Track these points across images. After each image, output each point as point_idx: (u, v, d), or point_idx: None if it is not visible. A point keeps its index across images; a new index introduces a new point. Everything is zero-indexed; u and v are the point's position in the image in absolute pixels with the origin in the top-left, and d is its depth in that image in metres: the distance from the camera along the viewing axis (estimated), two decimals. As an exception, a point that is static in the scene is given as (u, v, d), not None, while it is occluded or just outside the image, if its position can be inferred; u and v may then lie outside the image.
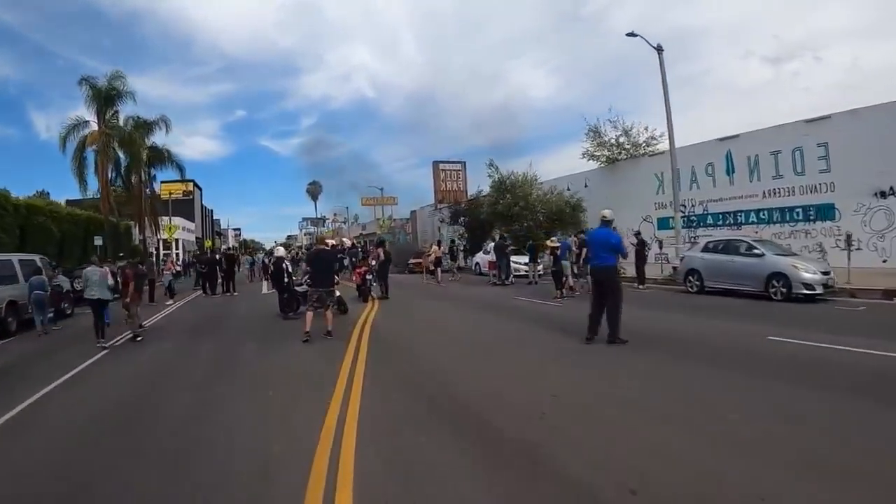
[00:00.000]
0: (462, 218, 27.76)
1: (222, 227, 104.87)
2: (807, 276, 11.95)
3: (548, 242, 13.78)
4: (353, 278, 14.45)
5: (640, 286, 15.87)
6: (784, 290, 11.99)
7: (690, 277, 14.45)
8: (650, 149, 23.70)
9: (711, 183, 21.46)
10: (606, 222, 7.80)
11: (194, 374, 6.64)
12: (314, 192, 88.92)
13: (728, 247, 13.96)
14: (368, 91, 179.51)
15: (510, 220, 23.02)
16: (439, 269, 21.33)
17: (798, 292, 11.69)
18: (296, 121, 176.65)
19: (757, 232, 19.98)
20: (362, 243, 31.87)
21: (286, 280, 11.70)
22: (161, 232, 44.10)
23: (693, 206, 21.87)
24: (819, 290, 11.74)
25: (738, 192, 20.66)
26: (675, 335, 7.76)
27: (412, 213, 49.88)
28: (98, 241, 28.15)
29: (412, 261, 27.13)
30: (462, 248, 25.75)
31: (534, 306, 12.23)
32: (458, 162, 42.59)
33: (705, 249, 14.33)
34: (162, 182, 63.24)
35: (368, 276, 13.78)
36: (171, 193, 47.46)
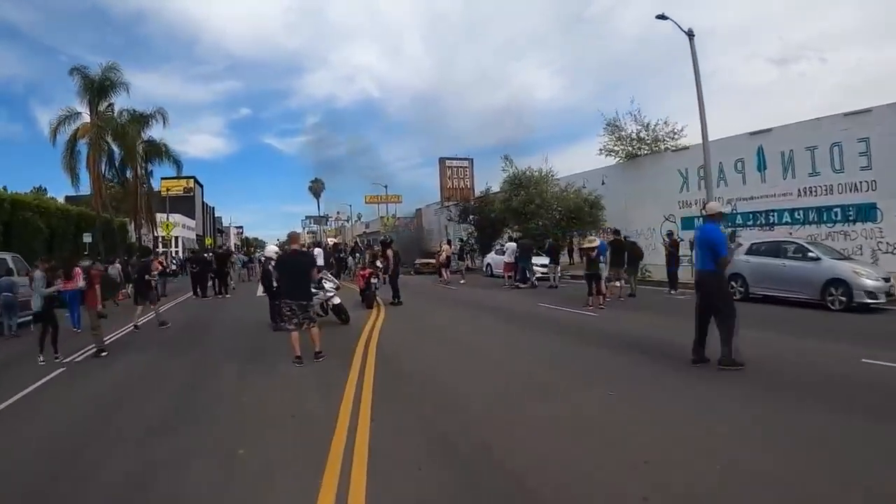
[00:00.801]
0: (471, 216, 26.15)
1: (224, 225, 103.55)
2: (869, 283, 10.58)
3: (585, 242, 12.20)
4: (357, 282, 12.85)
5: (673, 291, 14.32)
6: (843, 298, 10.61)
7: (733, 283, 12.85)
8: (674, 143, 22.04)
9: (741, 180, 19.83)
10: (714, 216, 6.41)
11: (150, 413, 5.04)
12: (317, 189, 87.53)
13: (777, 249, 12.41)
14: (373, 91, 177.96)
15: (525, 218, 21.39)
16: (446, 270, 19.82)
17: (859, 301, 10.31)
18: (300, 119, 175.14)
19: (791, 233, 18.36)
20: (366, 242, 30.18)
21: (276, 284, 10.14)
22: (158, 229, 42.61)
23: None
24: (882, 299, 10.50)
25: (770, 190, 19.05)
26: (755, 356, 6.15)
27: (417, 212, 48.29)
28: (87, 238, 26.59)
29: (419, 261, 25.54)
30: (471, 247, 24.18)
31: (568, 316, 10.60)
32: (465, 159, 41.01)
33: (751, 252, 12.74)
34: (162, 179, 62.09)
35: (374, 280, 12.20)
36: (168, 190, 45.84)
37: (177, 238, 58.35)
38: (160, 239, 44.00)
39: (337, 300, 9.54)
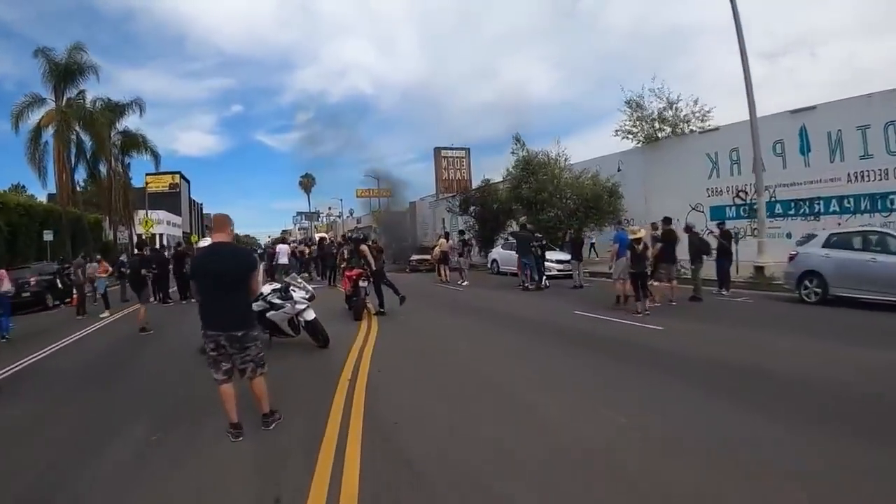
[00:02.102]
0: (472, 207, 23.42)
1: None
2: None
3: (632, 232, 9.59)
4: (343, 285, 10.07)
5: (725, 291, 11.78)
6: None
7: (807, 282, 10.33)
8: (702, 125, 19.44)
9: (781, 164, 17.27)
10: None
11: None
12: (307, 185, 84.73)
13: (865, 241, 9.85)
14: (365, 86, 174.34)
15: (536, 207, 18.71)
16: (446, 267, 17.18)
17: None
18: (292, 116, 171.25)
19: (840, 224, 15.92)
20: (348, 236, 26.70)
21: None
22: (137, 226, 39.53)
23: (756, 191, 17.65)
24: None
25: (814, 175, 16.53)
26: None
27: (411, 205, 45.52)
28: (48, 237, 23.59)
29: (415, 257, 22.84)
30: (467, 241, 21.51)
31: (624, 331, 7.88)
32: (462, 148, 38.42)
33: (829, 245, 10.19)
34: (147, 174, 59.49)
35: (362, 284, 9.44)
36: (147, 184, 42.64)
37: (161, 235, 55.31)
38: (140, 237, 40.89)
39: (311, 314, 6.84)
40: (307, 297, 6.94)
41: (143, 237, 39.85)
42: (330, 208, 75.03)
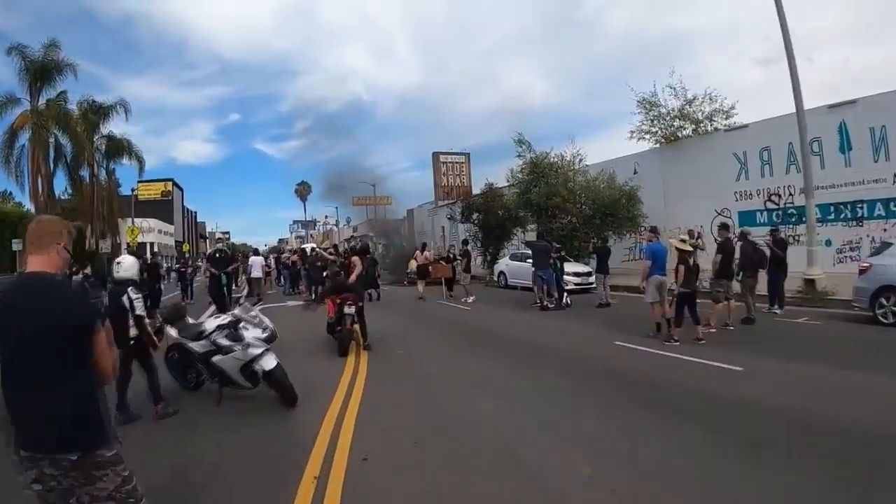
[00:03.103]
0: (475, 214, 21.45)
1: (208, 231, 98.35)
2: None
3: (677, 243, 7.69)
4: (327, 309, 8.01)
5: (778, 309, 9.90)
6: None
7: (883, 299, 8.47)
8: (725, 122, 17.63)
9: (818, 164, 15.41)
10: None
11: None
12: (303, 193, 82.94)
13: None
14: (363, 94, 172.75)
15: (547, 214, 16.79)
16: (422, 282, 15.30)
17: None
18: (290, 124, 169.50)
19: (886, 230, 14.13)
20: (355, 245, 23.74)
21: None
22: (123, 235, 37.47)
23: (791, 194, 15.85)
24: None
25: (856, 176, 14.70)
26: None
27: (408, 213, 43.58)
28: (17, 246, 21.56)
29: (412, 268, 20.84)
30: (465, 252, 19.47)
31: (693, 372, 5.99)
32: (462, 154, 36.47)
33: (917, 254, 8.34)
34: (138, 182, 57.39)
35: (348, 310, 7.34)
36: (137, 192, 40.54)
37: (152, 244, 53.22)
38: (126, 246, 38.81)
39: (270, 361, 4.87)
40: (264, 336, 4.99)
41: (129, 245, 37.91)
42: (326, 217, 73.27)
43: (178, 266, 21.05)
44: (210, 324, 5.33)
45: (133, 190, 39.05)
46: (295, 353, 7.54)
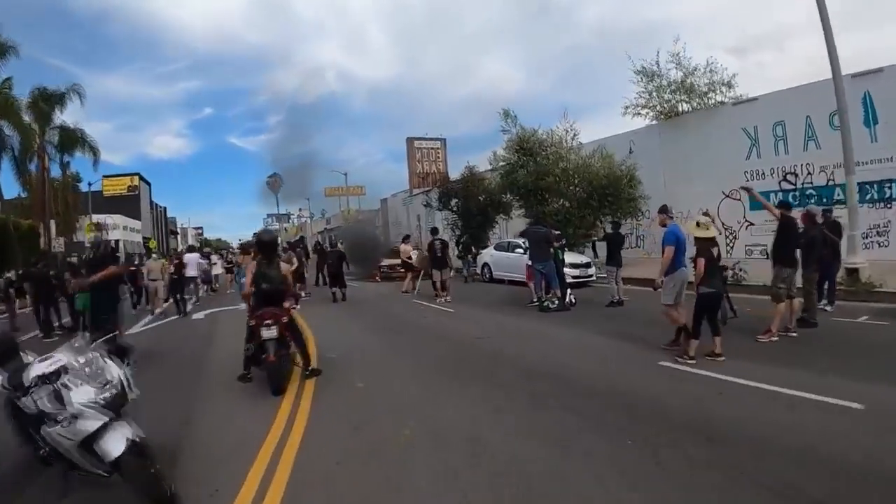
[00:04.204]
0: (454, 200, 19.06)
1: (180, 226, 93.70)
2: None
3: (693, 227, 5.54)
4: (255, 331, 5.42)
5: (830, 307, 7.92)
6: None
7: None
8: (731, 94, 15.63)
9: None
10: None
11: None
12: (275, 185, 79.18)
13: None
14: (337, 86, 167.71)
15: (536, 197, 14.53)
16: (413, 278, 13.17)
17: None
18: (263, 117, 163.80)
19: (917, 212, 12.42)
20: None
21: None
22: (80, 232, 34.04)
23: (810, 173, 13.99)
24: None
25: (883, 153, 12.92)
26: None
27: (382, 202, 40.95)
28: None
29: (386, 262, 18.40)
30: (463, 242, 17.13)
31: (811, 418, 3.79)
32: (437, 139, 34.11)
33: None
34: (103, 176, 53.55)
35: (269, 334, 4.75)
36: (91, 185, 36.90)
37: (117, 242, 49.32)
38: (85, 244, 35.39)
39: (116, 444, 2.55)
40: (103, 398, 2.65)
41: (86, 243, 34.42)
42: (301, 209, 69.97)
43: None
44: (35, 370, 2.88)
45: (90, 185, 35.49)
46: (215, 390, 5.20)
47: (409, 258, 14.43)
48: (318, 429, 4.04)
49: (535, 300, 9.73)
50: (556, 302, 8.92)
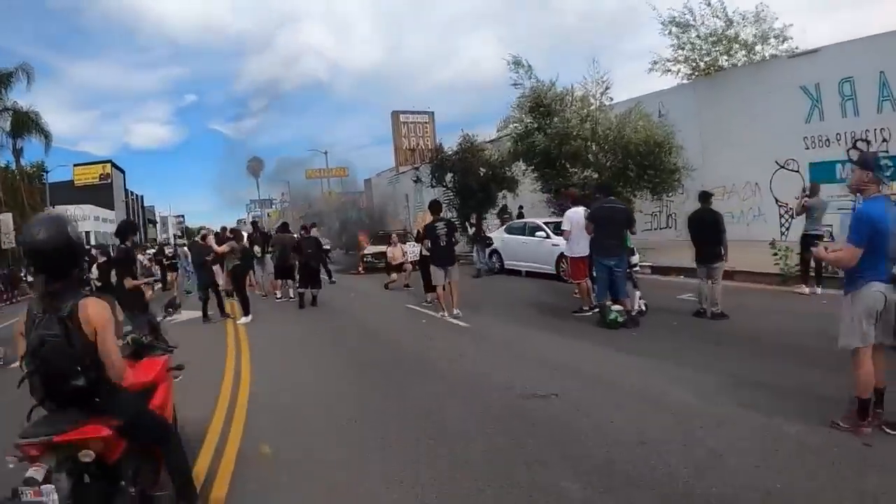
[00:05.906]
0: (450, 175, 15.90)
1: (159, 215, 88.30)
2: None
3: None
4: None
5: None
6: None
7: None
8: (783, 48, 12.75)
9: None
10: None
11: None
12: (255, 169, 74.79)
13: None
14: (321, 72, 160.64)
15: (558, 166, 11.47)
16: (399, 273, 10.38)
17: None
18: (247, 104, 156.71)
19: None
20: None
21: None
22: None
23: (886, 139, 11.24)
24: None
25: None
26: None
27: (366, 183, 37.54)
28: None
29: (371, 250, 15.29)
30: (474, 224, 13.87)
31: None
32: (425, 112, 30.68)
33: None
34: (74, 165, 49.38)
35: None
36: (47, 173, 32.96)
37: (88, 233, 45.02)
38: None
39: None
40: None
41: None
42: (283, 194, 66.02)
43: None
44: None
45: (46, 172, 31.70)
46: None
47: (402, 260, 11.27)
48: None
49: (585, 308, 6.78)
50: (625, 315, 5.94)
